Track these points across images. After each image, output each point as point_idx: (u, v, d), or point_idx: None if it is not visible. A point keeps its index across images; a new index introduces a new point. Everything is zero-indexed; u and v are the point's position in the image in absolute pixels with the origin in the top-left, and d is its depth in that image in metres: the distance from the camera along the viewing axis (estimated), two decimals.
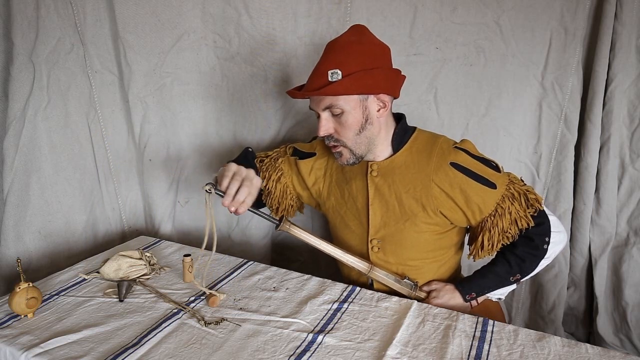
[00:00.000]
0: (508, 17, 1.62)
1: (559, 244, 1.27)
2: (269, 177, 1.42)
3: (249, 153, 1.39)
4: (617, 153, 1.71)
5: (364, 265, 1.29)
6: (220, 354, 0.99)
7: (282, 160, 1.43)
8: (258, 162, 1.42)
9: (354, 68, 1.14)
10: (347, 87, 1.14)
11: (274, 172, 1.42)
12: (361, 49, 1.16)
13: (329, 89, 1.14)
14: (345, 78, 1.13)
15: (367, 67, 1.15)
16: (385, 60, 1.21)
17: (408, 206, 1.25)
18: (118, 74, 1.62)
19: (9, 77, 1.38)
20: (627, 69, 1.62)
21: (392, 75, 1.21)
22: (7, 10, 1.35)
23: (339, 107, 1.17)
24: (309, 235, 1.28)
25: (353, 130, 1.20)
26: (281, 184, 1.43)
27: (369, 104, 1.19)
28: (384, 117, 1.23)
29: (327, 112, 1.20)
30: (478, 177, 1.19)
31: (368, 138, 1.22)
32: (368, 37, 1.20)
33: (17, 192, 1.43)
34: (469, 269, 1.45)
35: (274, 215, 1.47)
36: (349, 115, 1.18)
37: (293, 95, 1.24)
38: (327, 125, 1.21)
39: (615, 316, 1.87)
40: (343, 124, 1.20)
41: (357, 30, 1.21)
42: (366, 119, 1.20)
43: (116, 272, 1.30)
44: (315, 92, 1.16)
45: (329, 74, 1.14)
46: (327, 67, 1.15)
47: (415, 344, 1.03)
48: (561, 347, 1.01)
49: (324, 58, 1.19)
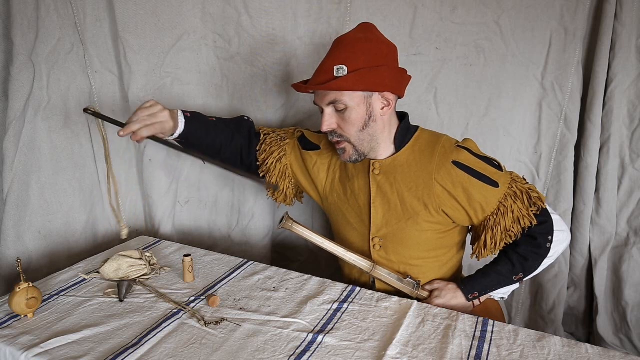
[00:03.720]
0: (508, 17, 1.62)
1: (562, 242, 1.27)
2: (270, 153, 1.42)
3: (237, 120, 1.46)
4: (617, 153, 1.72)
5: (367, 264, 1.29)
6: (220, 354, 0.99)
7: (287, 142, 1.43)
8: (263, 135, 1.45)
9: (360, 65, 1.14)
10: (352, 83, 1.14)
11: (277, 150, 1.42)
12: (368, 46, 1.16)
13: (334, 84, 1.14)
14: (350, 74, 1.13)
15: (373, 65, 1.15)
16: (391, 59, 1.21)
17: (410, 205, 1.25)
18: (118, 74, 1.62)
19: (9, 77, 1.38)
20: (627, 69, 1.62)
21: (397, 74, 1.22)
22: (7, 10, 1.35)
23: (343, 103, 1.17)
24: (311, 233, 1.28)
25: (356, 126, 1.20)
26: (281, 164, 1.43)
27: (373, 101, 1.19)
28: (387, 115, 1.23)
29: (330, 108, 1.20)
30: (480, 175, 1.19)
31: (371, 135, 1.22)
32: (375, 35, 1.20)
33: (17, 192, 1.43)
34: (470, 269, 1.45)
35: (271, 194, 1.52)
36: (352, 112, 1.18)
37: (298, 89, 1.24)
38: (330, 120, 1.21)
39: (615, 316, 1.87)
40: (346, 120, 1.20)
41: (365, 28, 1.21)
42: (369, 116, 1.20)
43: (116, 272, 1.30)
44: (320, 86, 1.16)
45: (335, 69, 1.15)
46: (333, 62, 1.16)
47: (415, 344, 1.03)
48: (561, 347, 1.01)
49: (331, 54, 1.19)
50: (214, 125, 1.40)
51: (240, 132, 1.44)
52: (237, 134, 1.43)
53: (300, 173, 1.43)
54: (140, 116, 1.21)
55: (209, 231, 1.84)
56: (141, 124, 1.20)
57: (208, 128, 1.38)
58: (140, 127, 1.20)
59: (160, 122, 1.23)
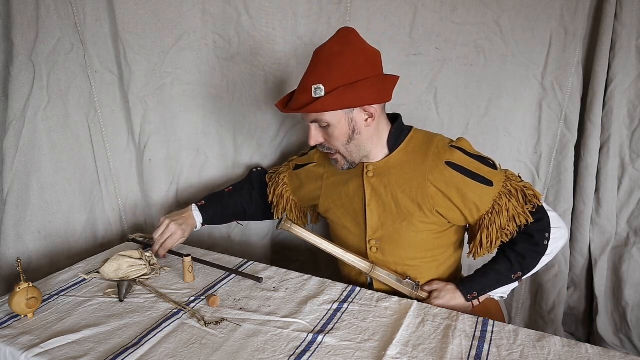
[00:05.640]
0: (508, 17, 1.62)
1: (559, 239, 1.26)
2: (273, 192, 1.54)
3: (249, 177, 1.64)
4: (617, 153, 1.71)
5: (366, 265, 1.29)
6: (220, 354, 0.99)
7: (284, 174, 1.52)
8: (267, 179, 1.58)
9: (337, 83, 1.14)
10: (330, 104, 1.15)
11: (277, 187, 1.53)
12: (343, 60, 1.15)
13: (312, 107, 1.16)
14: (327, 95, 1.14)
15: (350, 81, 1.15)
16: (370, 69, 1.18)
17: (404, 206, 1.25)
18: (118, 74, 1.62)
19: (9, 77, 1.38)
20: (627, 69, 1.62)
21: (378, 83, 1.19)
22: (7, 10, 1.35)
23: (325, 121, 1.20)
24: (309, 234, 1.28)
25: (341, 141, 1.23)
26: (284, 199, 1.52)
27: (354, 116, 1.20)
28: (372, 125, 1.23)
29: (314, 124, 1.23)
30: (474, 175, 1.19)
31: (358, 146, 1.24)
32: (353, 45, 1.18)
33: (17, 192, 1.43)
34: (469, 269, 1.45)
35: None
36: (335, 129, 1.20)
37: (281, 110, 1.26)
38: (316, 135, 1.24)
39: (615, 316, 1.87)
40: (331, 135, 1.22)
41: (342, 38, 1.20)
42: (353, 130, 1.21)
43: (116, 272, 1.30)
44: (300, 110, 1.18)
45: (313, 89, 1.16)
46: (312, 81, 1.16)
47: (415, 344, 1.03)
48: (561, 347, 1.01)
49: (310, 69, 1.20)
50: (229, 196, 1.57)
51: (255, 188, 1.59)
52: (253, 191, 1.59)
53: (302, 195, 1.50)
54: (155, 239, 1.42)
55: (209, 231, 1.84)
56: (157, 245, 1.41)
57: (224, 202, 1.55)
58: (157, 248, 1.41)
59: (172, 235, 1.41)
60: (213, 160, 1.79)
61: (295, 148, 1.82)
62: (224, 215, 1.57)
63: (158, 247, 1.41)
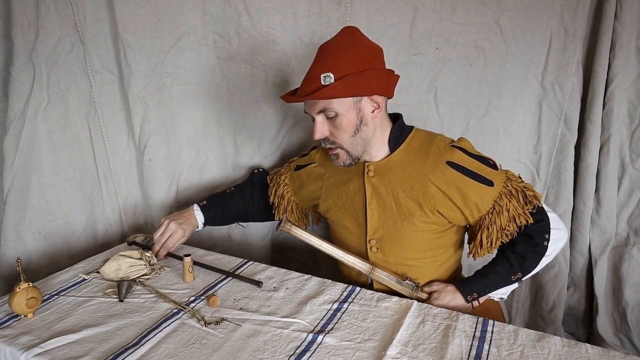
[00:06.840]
0: (508, 17, 1.62)
1: (559, 240, 1.26)
2: (274, 193, 1.54)
3: (250, 178, 1.64)
4: (617, 153, 1.71)
5: (365, 266, 1.29)
6: (220, 354, 0.99)
7: (285, 176, 1.53)
8: (268, 180, 1.59)
9: (346, 71, 1.15)
10: (340, 90, 1.15)
11: (278, 188, 1.53)
12: (352, 51, 1.17)
13: (322, 93, 1.15)
14: (337, 81, 1.14)
15: (359, 70, 1.16)
16: (377, 61, 1.21)
17: (405, 206, 1.25)
18: (118, 74, 1.62)
19: (9, 77, 1.38)
20: (627, 69, 1.62)
21: (384, 76, 1.22)
22: (7, 10, 1.35)
23: (333, 110, 1.19)
24: (309, 236, 1.28)
25: (348, 132, 1.21)
26: (285, 200, 1.52)
27: (362, 105, 1.20)
28: (378, 117, 1.24)
29: (321, 116, 1.22)
30: (474, 175, 1.20)
31: (363, 139, 1.24)
32: (359, 40, 1.20)
33: (17, 192, 1.43)
34: (469, 269, 1.45)
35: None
36: (343, 118, 1.19)
37: (287, 100, 1.26)
38: (322, 128, 1.23)
39: (615, 316, 1.87)
40: (338, 127, 1.21)
41: (348, 33, 1.22)
42: (360, 120, 1.21)
43: (116, 272, 1.30)
44: (309, 96, 1.17)
45: (322, 77, 1.15)
46: (320, 71, 1.16)
47: (415, 344, 1.03)
48: (561, 347, 1.01)
49: (316, 62, 1.20)
50: (231, 196, 1.57)
51: (256, 189, 1.60)
52: (254, 192, 1.60)
53: (303, 195, 1.50)
54: (155, 239, 1.42)
55: (209, 231, 1.84)
56: (158, 245, 1.42)
57: (225, 203, 1.56)
58: (158, 248, 1.42)
59: (172, 234, 1.42)
60: (213, 160, 1.79)
61: (295, 148, 1.82)
62: (226, 215, 1.57)
63: (159, 247, 1.41)
